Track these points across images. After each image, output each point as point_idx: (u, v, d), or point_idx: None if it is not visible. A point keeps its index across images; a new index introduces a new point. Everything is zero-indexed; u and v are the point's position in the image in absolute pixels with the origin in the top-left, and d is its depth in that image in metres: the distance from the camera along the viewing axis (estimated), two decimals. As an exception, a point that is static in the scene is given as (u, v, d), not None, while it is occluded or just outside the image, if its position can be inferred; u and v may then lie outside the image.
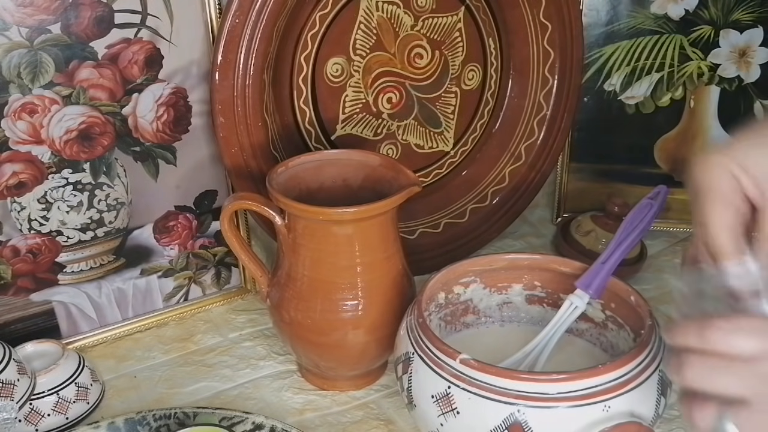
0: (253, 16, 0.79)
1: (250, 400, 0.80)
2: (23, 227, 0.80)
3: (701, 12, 0.99)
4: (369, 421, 0.77)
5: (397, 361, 0.67)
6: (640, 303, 0.68)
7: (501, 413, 0.58)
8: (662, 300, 0.95)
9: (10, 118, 0.76)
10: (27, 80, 0.75)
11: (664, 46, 1.01)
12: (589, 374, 0.58)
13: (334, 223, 0.72)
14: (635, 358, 0.60)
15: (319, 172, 0.81)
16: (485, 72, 1.02)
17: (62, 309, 0.85)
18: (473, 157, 1.05)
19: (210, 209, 0.90)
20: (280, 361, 0.86)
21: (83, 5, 0.75)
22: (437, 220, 1.01)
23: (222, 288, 0.95)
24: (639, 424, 0.58)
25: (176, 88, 0.83)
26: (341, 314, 0.75)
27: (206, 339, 0.90)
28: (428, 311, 0.72)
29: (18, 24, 0.73)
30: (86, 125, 0.80)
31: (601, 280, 0.70)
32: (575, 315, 0.71)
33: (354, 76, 0.92)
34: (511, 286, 0.77)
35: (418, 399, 0.63)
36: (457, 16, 0.96)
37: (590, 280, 0.70)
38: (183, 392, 0.81)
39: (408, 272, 0.79)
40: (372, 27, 0.90)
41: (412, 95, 0.97)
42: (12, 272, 0.81)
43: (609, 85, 1.04)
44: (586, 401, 0.57)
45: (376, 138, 0.96)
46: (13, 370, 0.69)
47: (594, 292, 0.70)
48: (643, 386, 0.60)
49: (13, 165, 0.78)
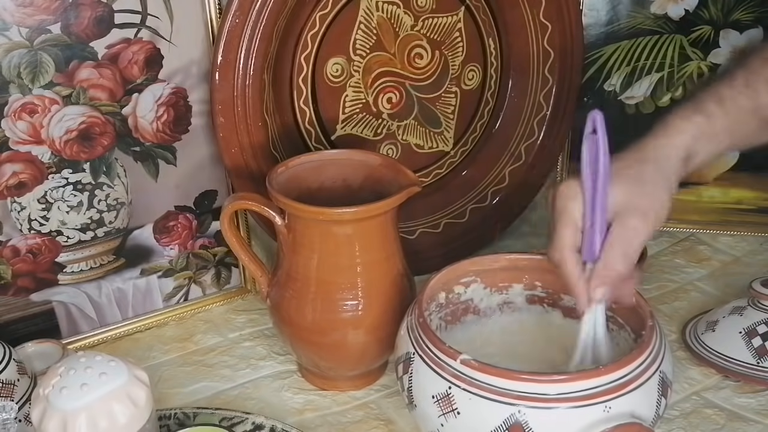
0: (253, 16, 0.79)
1: (250, 400, 0.80)
2: (23, 227, 0.80)
3: (701, 12, 0.99)
4: (369, 421, 0.77)
5: (397, 361, 0.67)
6: (641, 303, 0.67)
7: (501, 414, 0.58)
8: (663, 300, 0.95)
9: (10, 118, 0.76)
10: (27, 80, 0.75)
11: (664, 46, 1.01)
12: (590, 375, 0.58)
13: (334, 223, 0.72)
14: (636, 358, 0.60)
15: (319, 172, 0.81)
16: (485, 72, 1.02)
17: (62, 309, 0.85)
18: (473, 157, 1.05)
19: (210, 209, 0.90)
20: (280, 361, 0.86)
21: (83, 5, 0.75)
22: (437, 220, 1.01)
23: (222, 288, 0.95)
24: (639, 425, 0.57)
25: (176, 88, 0.83)
26: (341, 314, 0.75)
27: (206, 339, 0.89)
28: (429, 311, 0.71)
29: (18, 24, 0.73)
30: (86, 125, 0.80)
31: (591, 242, 0.63)
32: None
33: (354, 76, 0.92)
34: (511, 286, 0.77)
35: (419, 399, 0.63)
36: (457, 16, 0.96)
37: (586, 246, 0.63)
38: (183, 392, 0.81)
39: (408, 272, 0.79)
40: (372, 27, 0.90)
41: (412, 95, 0.97)
42: (12, 272, 0.81)
43: (609, 85, 1.04)
44: (586, 402, 0.57)
45: (376, 138, 0.96)
46: (13, 370, 0.68)
47: (586, 255, 0.63)
48: (643, 387, 0.59)
49: (13, 165, 0.78)
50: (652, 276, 1.00)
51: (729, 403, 0.79)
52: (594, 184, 0.61)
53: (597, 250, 0.62)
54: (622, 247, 0.61)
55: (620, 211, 0.61)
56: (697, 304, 0.94)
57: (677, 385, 0.80)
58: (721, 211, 1.07)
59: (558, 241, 0.62)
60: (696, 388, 0.81)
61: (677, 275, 1.00)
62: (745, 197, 1.06)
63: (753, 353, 0.80)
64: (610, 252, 0.61)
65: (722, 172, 1.05)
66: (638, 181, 0.62)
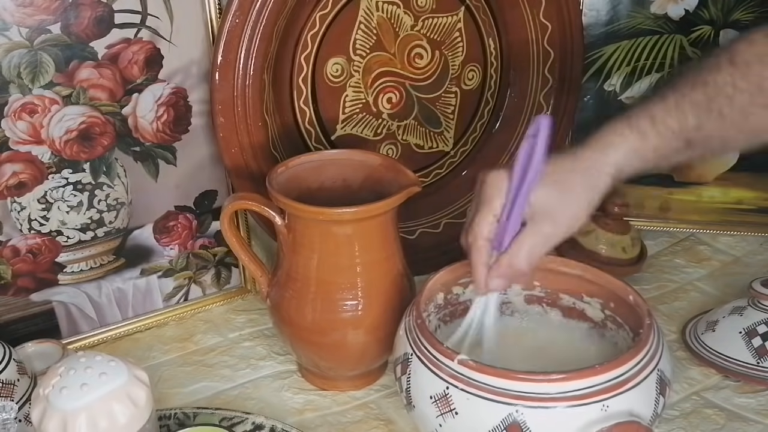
0: (253, 16, 0.79)
1: (250, 400, 0.80)
2: (23, 227, 0.80)
3: (701, 12, 0.99)
4: (369, 421, 0.77)
5: (396, 362, 0.67)
6: (639, 302, 0.68)
7: (499, 413, 0.58)
8: (662, 300, 0.95)
9: (10, 118, 0.76)
10: (27, 80, 0.75)
11: (664, 46, 1.01)
12: (588, 374, 0.58)
13: (334, 223, 0.73)
14: (634, 357, 0.60)
15: (319, 172, 0.81)
16: (485, 72, 1.02)
17: (62, 309, 0.85)
18: (473, 157, 1.05)
19: (210, 209, 0.91)
20: (280, 361, 0.86)
21: (83, 5, 0.76)
22: (437, 220, 1.01)
23: (222, 288, 0.95)
24: (638, 424, 0.57)
25: (176, 88, 0.83)
26: (341, 314, 0.75)
27: (206, 339, 0.90)
28: (427, 312, 0.71)
29: (18, 24, 0.73)
30: (86, 125, 0.80)
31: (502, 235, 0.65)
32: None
33: (354, 76, 0.92)
34: (510, 286, 0.77)
35: (417, 400, 0.63)
36: (457, 16, 0.96)
37: (498, 238, 0.65)
38: (183, 392, 0.81)
39: (408, 272, 0.79)
40: (372, 27, 0.90)
41: (412, 95, 0.97)
42: (12, 272, 0.81)
43: (609, 85, 1.04)
44: (584, 401, 0.57)
45: (376, 138, 0.96)
46: (13, 370, 0.69)
47: (495, 245, 0.65)
48: (641, 386, 0.59)
49: (13, 165, 0.78)
50: (652, 276, 1.00)
51: (729, 403, 0.79)
52: (520, 183, 0.63)
53: (505, 244, 0.65)
54: (528, 248, 0.64)
55: (537, 213, 0.64)
56: (697, 304, 0.94)
57: (677, 385, 0.80)
58: (721, 211, 1.07)
59: (475, 228, 0.65)
60: (696, 388, 0.81)
61: (677, 275, 1.00)
62: (745, 197, 1.06)
63: (753, 353, 0.80)
64: (516, 250, 0.64)
65: (722, 172, 1.05)
66: (562, 189, 0.64)
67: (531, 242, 0.64)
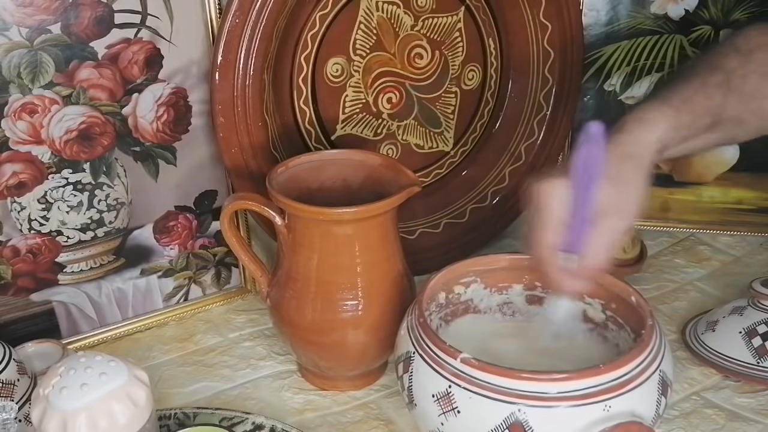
0: (253, 16, 0.79)
1: (250, 400, 0.80)
2: (23, 227, 0.80)
3: (701, 12, 0.99)
4: (369, 421, 0.77)
5: (397, 361, 0.67)
6: (641, 303, 0.67)
7: (502, 412, 0.58)
8: (662, 300, 0.95)
9: (10, 118, 0.76)
10: (27, 80, 0.75)
11: (664, 46, 1.01)
12: (590, 374, 0.58)
13: (334, 223, 0.72)
14: (636, 357, 0.60)
15: (319, 172, 0.81)
16: (485, 72, 1.02)
17: (62, 309, 0.85)
18: (473, 157, 1.05)
19: (210, 209, 0.90)
20: (280, 361, 0.86)
21: (83, 5, 0.75)
22: (437, 220, 1.01)
23: (222, 288, 0.95)
24: (640, 424, 0.57)
25: (176, 88, 0.83)
26: (341, 314, 0.75)
27: (206, 339, 0.90)
28: (429, 311, 0.71)
29: (18, 24, 0.73)
30: (86, 125, 0.80)
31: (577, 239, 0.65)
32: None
33: (354, 76, 0.92)
34: (511, 286, 0.77)
35: (419, 398, 0.63)
36: (457, 16, 0.96)
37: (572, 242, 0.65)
38: (183, 392, 0.81)
39: (408, 272, 0.79)
40: (372, 27, 0.90)
41: (412, 95, 0.97)
42: (12, 272, 0.81)
43: (609, 85, 1.04)
44: (586, 401, 0.57)
45: (376, 138, 0.96)
46: (13, 370, 0.68)
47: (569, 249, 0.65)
48: (643, 386, 0.59)
49: (13, 165, 0.78)
50: (652, 276, 1.00)
51: (729, 403, 0.79)
52: (585, 188, 0.64)
53: (579, 247, 0.65)
54: (606, 246, 0.65)
55: (603, 211, 0.64)
56: (697, 304, 0.94)
57: (677, 385, 0.80)
58: (721, 211, 1.07)
59: (542, 239, 0.66)
60: (696, 388, 0.81)
61: (677, 275, 1.00)
62: (745, 197, 1.06)
63: (753, 353, 0.80)
64: (595, 250, 0.65)
65: (722, 172, 1.05)
66: (619, 182, 0.65)
67: (606, 240, 0.65)
